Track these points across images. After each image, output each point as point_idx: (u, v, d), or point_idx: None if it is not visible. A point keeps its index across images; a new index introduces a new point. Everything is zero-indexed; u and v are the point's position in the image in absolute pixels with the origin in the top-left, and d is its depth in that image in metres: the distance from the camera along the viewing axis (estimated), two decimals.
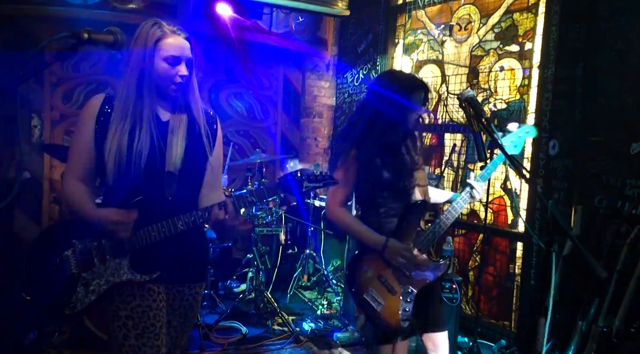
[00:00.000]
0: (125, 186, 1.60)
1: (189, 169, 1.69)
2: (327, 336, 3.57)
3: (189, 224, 1.61)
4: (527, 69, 3.56)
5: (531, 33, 3.52)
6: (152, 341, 1.61)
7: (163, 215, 1.61)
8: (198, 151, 1.71)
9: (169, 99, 1.69)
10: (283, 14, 4.81)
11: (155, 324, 1.63)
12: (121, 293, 1.63)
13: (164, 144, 1.64)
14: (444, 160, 4.15)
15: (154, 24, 1.62)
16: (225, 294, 4.27)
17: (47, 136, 4.22)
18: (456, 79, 4.09)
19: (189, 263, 1.77)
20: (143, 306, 1.63)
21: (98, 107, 1.65)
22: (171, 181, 1.65)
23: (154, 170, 1.62)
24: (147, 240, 1.61)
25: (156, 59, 1.59)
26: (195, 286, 1.80)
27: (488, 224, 3.53)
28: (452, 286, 3.16)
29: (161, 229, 1.61)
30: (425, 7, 4.37)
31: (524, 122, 3.54)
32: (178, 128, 1.67)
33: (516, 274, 3.55)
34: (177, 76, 1.63)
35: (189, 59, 1.65)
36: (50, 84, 4.21)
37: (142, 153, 1.59)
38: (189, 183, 1.72)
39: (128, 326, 1.60)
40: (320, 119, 5.44)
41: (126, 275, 1.61)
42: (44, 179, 4.24)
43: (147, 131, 1.61)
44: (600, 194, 2.99)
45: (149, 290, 1.65)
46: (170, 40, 1.61)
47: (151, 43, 1.59)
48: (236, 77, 5.06)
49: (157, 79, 1.62)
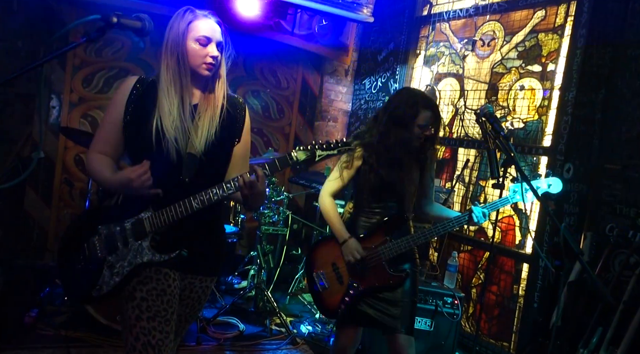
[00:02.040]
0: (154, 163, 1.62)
1: (212, 153, 1.70)
2: (323, 340, 3.55)
3: (204, 201, 1.62)
4: (548, 90, 3.53)
5: (555, 54, 3.50)
6: (162, 325, 1.64)
7: (180, 197, 1.63)
8: (223, 137, 1.73)
9: (200, 80, 1.72)
10: (307, 16, 4.82)
11: (167, 310, 1.66)
12: (139, 274, 1.67)
13: (190, 127, 1.67)
14: (456, 174, 4.13)
15: (187, 10, 1.69)
16: (226, 289, 4.27)
17: (65, 118, 4.27)
18: (475, 95, 4.08)
19: (205, 257, 1.80)
20: (158, 290, 1.66)
21: (130, 88, 1.69)
22: (191, 163, 1.67)
23: (178, 151, 1.65)
24: (165, 220, 1.64)
25: (188, 40, 1.65)
26: (206, 279, 1.83)
27: (495, 242, 3.50)
28: (454, 302, 3.13)
29: (177, 209, 1.63)
30: (450, 21, 4.36)
31: (540, 143, 3.52)
32: (205, 112, 1.70)
33: (520, 296, 3.52)
34: (207, 56, 1.67)
35: (219, 42, 1.70)
36: (73, 66, 4.26)
37: (167, 136, 1.62)
38: (210, 167, 1.73)
39: (142, 307, 1.63)
40: (334, 123, 5.45)
41: (147, 256, 1.66)
42: (57, 160, 4.28)
43: (176, 115, 1.65)
44: (612, 222, 2.95)
45: (165, 275, 1.69)
46: (202, 22, 1.67)
47: (184, 25, 1.65)
48: (255, 74, 5.09)
49: (190, 60, 1.66)
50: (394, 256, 2.29)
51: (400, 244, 2.28)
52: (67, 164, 4.32)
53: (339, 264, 2.35)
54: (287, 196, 4.15)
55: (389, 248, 2.29)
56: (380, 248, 2.29)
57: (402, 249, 2.29)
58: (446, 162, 4.28)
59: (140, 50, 4.43)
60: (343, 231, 2.33)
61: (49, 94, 4.20)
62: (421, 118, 2.24)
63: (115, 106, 1.69)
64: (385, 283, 2.29)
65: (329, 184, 2.40)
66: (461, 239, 3.98)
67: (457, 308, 3.13)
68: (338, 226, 2.35)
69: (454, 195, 4.04)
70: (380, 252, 2.29)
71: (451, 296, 3.14)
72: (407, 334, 2.25)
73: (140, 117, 1.65)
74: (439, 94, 4.44)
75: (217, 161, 1.76)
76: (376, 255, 2.29)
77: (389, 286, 2.29)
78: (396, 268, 2.31)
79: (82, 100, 4.33)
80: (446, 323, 3.11)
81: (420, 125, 2.24)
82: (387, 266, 2.29)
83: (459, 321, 3.15)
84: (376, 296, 2.30)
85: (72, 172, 4.33)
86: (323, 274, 2.39)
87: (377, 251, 2.29)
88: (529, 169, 3.58)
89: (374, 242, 2.31)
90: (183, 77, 1.66)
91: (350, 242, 2.29)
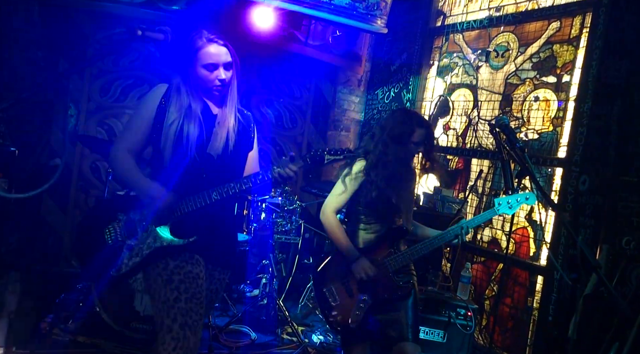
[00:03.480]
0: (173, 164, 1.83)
1: (229, 157, 1.92)
2: (335, 350, 3.54)
3: (222, 193, 1.82)
4: (563, 102, 3.52)
5: (570, 66, 3.49)
6: (198, 307, 1.75)
7: (199, 190, 1.83)
8: (239, 143, 1.96)
9: (214, 100, 1.95)
10: (321, 27, 4.87)
11: (201, 293, 1.79)
12: (175, 258, 1.80)
13: (210, 133, 1.89)
14: (469, 185, 4.12)
15: (194, 36, 1.87)
16: (237, 297, 4.28)
17: (82, 126, 4.34)
18: (488, 105, 4.07)
19: (223, 249, 1.97)
20: (194, 273, 1.79)
21: (162, 95, 1.89)
22: (210, 162, 1.88)
23: (198, 152, 1.85)
24: (185, 208, 1.82)
25: (197, 66, 1.85)
26: (224, 271, 2.00)
27: (509, 254, 3.47)
28: (467, 314, 3.11)
29: (197, 199, 1.82)
30: (464, 32, 4.37)
31: (555, 155, 3.49)
32: (223, 122, 1.91)
33: (534, 308, 3.48)
34: (216, 80, 1.86)
35: (226, 63, 1.88)
36: (90, 75, 4.34)
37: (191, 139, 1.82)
38: (227, 167, 1.93)
39: (180, 289, 1.74)
40: (347, 132, 5.46)
41: (166, 240, 1.79)
42: (74, 167, 4.34)
43: (198, 122, 1.85)
44: (629, 236, 2.91)
45: (197, 261, 1.83)
46: (208, 49, 1.84)
47: (193, 53, 1.84)
48: (269, 84, 5.13)
49: (200, 82, 1.87)
50: (399, 267, 2.34)
51: (405, 255, 2.34)
52: (83, 171, 4.39)
53: (348, 278, 2.37)
54: (299, 204, 4.16)
55: (395, 259, 2.34)
56: (387, 260, 2.34)
57: (407, 260, 2.35)
58: (459, 172, 4.27)
59: (156, 60, 4.50)
60: (353, 249, 2.37)
61: (67, 102, 4.28)
62: (416, 136, 2.35)
63: (146, 107, 1.88)
64: (394, 294, 2.33)
65: (334, 199, 2.43)
66: (474, 250, 3.95)
67: (470, 319, 3.10)
68: (347, 245, 2.38)
69: (467, 206, 4.02)
70: (386, 264, 2.34)
71: (464, 308, 3.12)
72: (414, 342, 2.27)
73: (167, 120, 1.83)
74: (452, 105, 4.44)
75: (234, 162, 1.97)
76: (383, 267, 2.33)
77: (397, 297, 2.33)
78: (402, 279, 2.36)
79: (100, 109, 4.40)
80: (459, 334, 3.08)
81: (415, 142, 2.37)
82: (394, 278, 2.34)
83: (472, 333, 3.12)
84: (383, 308, 2.33)
85: (88, 179, 4.39)
86: (332, 289, 2.40)
87: (384, 263, 2.34)
88: (543, 180, 3.55)
89: (380, 254, 2.36)
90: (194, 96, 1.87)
91: (361, 261, 2.32)
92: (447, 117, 4.47)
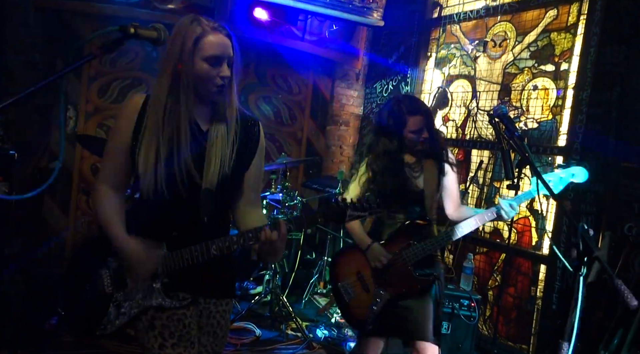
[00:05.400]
0: (159, 201, 1.49)
1: (228, 185, 1.55)
2: (340, 344, 3.55)
3: (223, 250, 1.51)
4: (562, 90, 3.50)
5: (568, 54, 3.47)
6: (188, 350, 1.55)
7: (198, 237, 1.51)
8: (237, 165, 1.56)
9: (208, 104, 1.54)
10: (317, 22, 4.85)
11: (190, 333, 1.57)
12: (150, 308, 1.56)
13: (203, 158, 1.51)
14: (469, 176, 4.11)
15: (193, 21, 1.46)
16: (241, 294, 4.29)
17: (81, 128, 4.34)
18: (487, 96, 4.06)
19: (215, 278, 1.65)
20: (178, 314, 1.56)
21: (138, 108, 1.52)
22: (208, 199, 1.51)
23: (191, 187, 1.50)
24: (180, 264, 1.51)
25: (196, 58, 1.44)
26: (221, 302, 1.68)
27: (511, 244, 3.46)
28: (471, 304, 3.11)
29: (194, 253, 1.50)
30: (461, 22, 4.35)
31: (555, 143, 3.48)
32: (216, 139, 1.51)
33: (537, 297, 3.48)
34: (218, 78, 1.47)
35: (230, 58, 1.49)
36: (88, 77, 4.34)
37: (181, 169, 1.48)
38: (224, 201, 1.60)
39: (164, 335, 1.54)
40: (346, 127, 5.45)
41: (156, 300, 1.54)
42: (74, 169, 4.35)
43: (187, 144, 1.48)
44: (631, 222, 2.91)
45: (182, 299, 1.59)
46: (211, 38, 1.44)
47: (191, 41, 1.43)
48: (266, 80, 5.13)
49: (197, 81, 1.46)
50: (419, 259, 2.24)
51: (424, 247, 2.23)
52: (83, 173, 4.40)
53: (364, 273, 2.31)
54: (300, 200, 4.16)
55: (414, 252, 2.24)
56: (405, 252, 2.25)
57: (426, 252, 2.24)
58: (459, 163, 4.25)
59: (153, 60, 4.50)
60: (365, 237, 2.31)
61: (66, 104, 4.28)
62: (411, 125, 2.25)
63: (120, 128, 1.52)
64: (412, 288, 2.23)
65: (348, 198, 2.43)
66: (477, 241, 3.95)
67: (474, 310, 3.11)
68: (359, 233, 2.33)
69: (468, 197, 4.01)
70: (405, 257, 2.24)
71: (468, 299, 3.12)
72: (434, 343, 2.18)
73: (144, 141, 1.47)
74: (450, 96, 4.42)
75: (231, 192, 1.60)
76: (401, 260, 2.24)
77: (416, 291, 2.23)
78: (423, 272, 2.25)
79: (98, 110, 4.41)
80: (463, 325, 3.09)
81: (413, 130, 2.25)
82: (413, 271, 2.24)
83: (476, 324, 3.12)
84: (402, 303, 2.24)
85: (89, 181, 4.40)
86: (348, 284, 2.33)
87: (402, 256, 2.24)
88: (543, 169, 3.54)
89: (398, 247, 2.27)
90: (189, 99, 1.48)
91: (374, 247, 2.26)
92: (446, 109, 4.46)
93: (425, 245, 2.24)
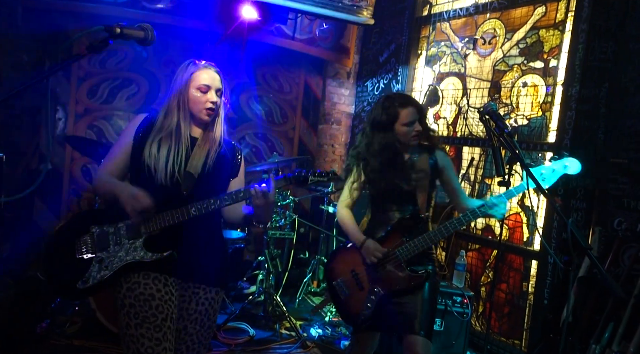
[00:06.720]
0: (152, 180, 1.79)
1: (210, 174, 1.87)
2: (334, 343, 3.56)
3: (201, 209, 1.75)
4: (551, 87, 3.53)
5: (557, 50, 3.50)
6: (151, 332, 1.62)
7: (178, 206, 1.76)
8: (220, 167, 1.92)
9: (199, 125, 1.94)
10: (307, 21, 4.85)
11: (156, 315, 1.65)
12: (128, 281, 1.71)
13: (190, 153, 1.87)
14: (461, 174, 4.13)
15: (190, 63, 1.90)
16: (235, 295, 4.28)
17: (71, 129, 4.30)
18: (477, 93, 4.07)
19: (205, 265, 1.84)
20: (146, 294, 1.68)
21: (139, 124, 1.91)
22: (189, 179, 1.83)
23: (178, 171, 1.82)
24: (160, 223, 1.75)
25: (190, 88, 1.86)
26: (211, 290, 1.87)
27: (503, 240, 3.49)
28: (464, 301, 3.13)
29: (175, 215, 1.75)
30: (450, 20, 4.36)
31: (545, 140, 3.51)
32: (203, 145, 1.90)
33: (529, 293, 3.50)
34: (207, 102, 1.87)
35: (218, 89, 1.90)
36: (77, 78, 4.30)
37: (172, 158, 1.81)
38: (208, 185, 1.87)
39: (130, 314, 1.65)
40: (338, 126, 5.45)
41: (138, 254, 1.72)
42: (65, 171, 4.31)
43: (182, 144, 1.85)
44: (620, 217, 2.94)
45: (154, 279, 1.71)
46: (202, 72, 1.87)
47: (187, 76, 1.87)
48: (257, 80, 5.11)
49: (191, 105, 1.86)
50: (411, 256, 2.26)
51: (416, 244, 2.25)
52: (74, 175, 4.36)
53: (358, 271, 2.34)
54: (293, 199, 4.16)
55: (406, 249, 2.26)
56: (398, 250, 2.27)
57: (419, 249, 2.25)
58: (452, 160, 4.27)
59: (143, 60, 4.47)
60: (359, 234, 2.36)
61: (55, 105, 4.24)
62: (404, 117, 2.28)
63: (126, 136, 1.89)
64: (405, 285, 2.25)
65: (342, 202, 2.46)
66: (469, 238, 3.97)
67: (467, 307, 3.12)
68: (353, 230, 2.38)
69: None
70: (398, 254, 2.26)
71: (460, 295, 3.14)
72: (426, 337, 2.19)
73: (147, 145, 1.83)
74: (441, 94, 4.44)
75: (215, 181, 1.91)
76: (394, 257, 2.27)
77: (410, 288, 2.25)
78: (416, 269, 2.27)
79: (88, 111, 4.37)
80: (456, 322, 3.10)
81: (405, 123, 2.29)
82: (406, 268, 2.26)
83: (469, 320, 3.14)
84: (396, 300, 2.26)
85: (80, 183, 4.36)
86: (343, 282, 2.37)
87: (395, 253, 2.27)
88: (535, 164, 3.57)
89: (391, 244, 2.29)
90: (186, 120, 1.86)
91: (368, 243, 2.29)
92: (437, 107, 4.47)
93: (417, 242, 2.25)
